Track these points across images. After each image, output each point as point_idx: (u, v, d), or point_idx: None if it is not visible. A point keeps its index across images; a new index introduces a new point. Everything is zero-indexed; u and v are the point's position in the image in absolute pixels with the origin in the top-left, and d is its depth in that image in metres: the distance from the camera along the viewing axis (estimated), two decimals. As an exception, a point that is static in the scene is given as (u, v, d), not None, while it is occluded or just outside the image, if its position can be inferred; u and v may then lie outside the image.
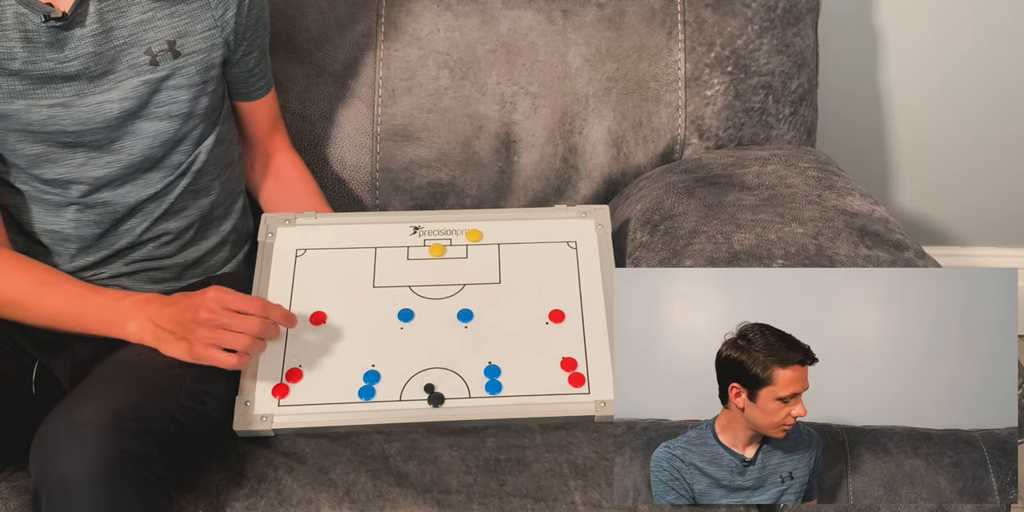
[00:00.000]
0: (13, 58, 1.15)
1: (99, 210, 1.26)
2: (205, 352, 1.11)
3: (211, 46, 1.25)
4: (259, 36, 1.32)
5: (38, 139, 1.20)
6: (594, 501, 1.10)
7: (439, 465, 1.13)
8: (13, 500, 1.10)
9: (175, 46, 1.22)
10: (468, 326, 1.25)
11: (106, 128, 1.21)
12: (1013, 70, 1.85)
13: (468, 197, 1.55)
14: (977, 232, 2.04)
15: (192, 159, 1.28)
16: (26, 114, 1.18)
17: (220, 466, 1.13)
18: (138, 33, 1.20)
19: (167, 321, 1.13)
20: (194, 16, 1.23)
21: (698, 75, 1.53)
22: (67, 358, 1.22)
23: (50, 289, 1.17)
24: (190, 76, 1.24)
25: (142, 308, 1.15)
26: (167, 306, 1.14)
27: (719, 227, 1.29)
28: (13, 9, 1.14)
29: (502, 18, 1.53)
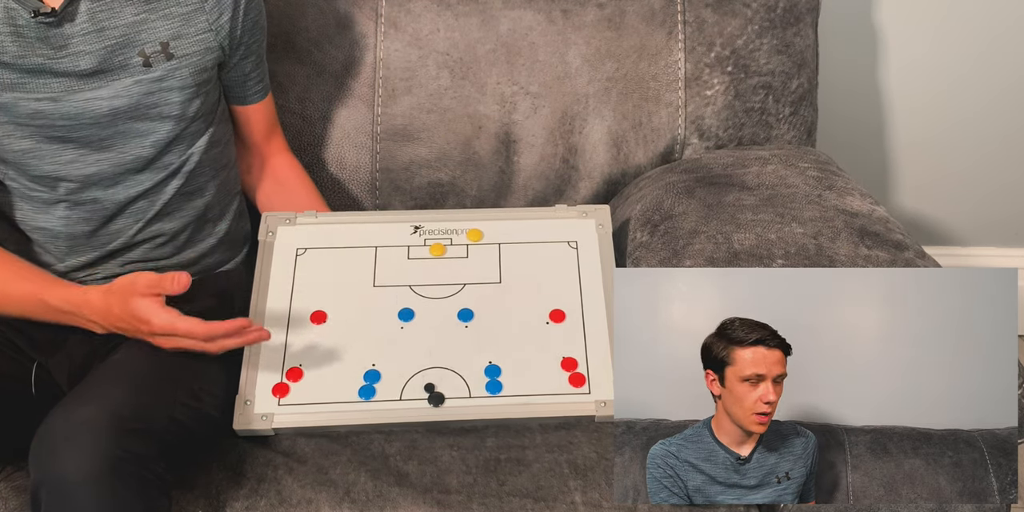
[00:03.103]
0: (3, 52, 1.16)
1: (88, 208, 1.26)
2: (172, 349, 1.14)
3: (205, 49, 1.25)
4: (255, 41, 1.32)
5: (27, 133, 1.20)
6: (594, 501, 1.10)
7: (439, 465, 1.13)
8: (13, 500, 1.10)
9: (168, 48, 1.22)
10: (468, 326, 1.25)
11: (95, 125, 1.21)
12: (1013, 70, 1.85)
13: (468, 197, 1.55)
14: (977, 232, 2.04)
15: (185, 160, 1.28)
16: (15, 106, 1.18)
17: (220, 466, 1.13)
18: (131, 34, 1.20)
19: (119, 327, 1.15)
20: (188, 19, 1.23)
21: (698, 75, 1.53)
22: (65, 358, 1.22)
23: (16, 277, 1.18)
24: (183, 78, 1.24)
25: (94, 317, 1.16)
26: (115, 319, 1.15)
27: (719, 227, 1.29)
28: (3, 3, 1.15)
29: (502, 18, 1.53)
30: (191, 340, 1.13)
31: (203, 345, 1.13)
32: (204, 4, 1.24)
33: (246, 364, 1.21)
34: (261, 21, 1.32)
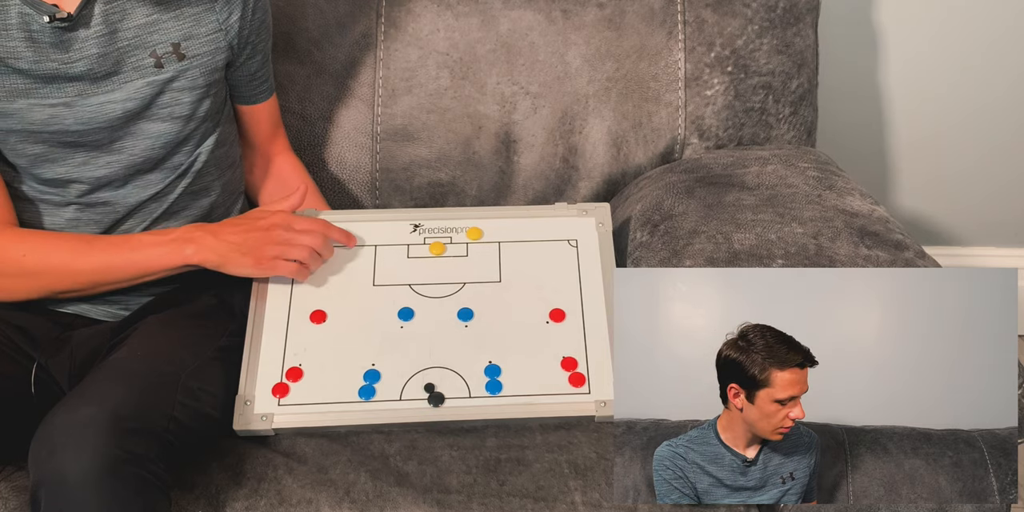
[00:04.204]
0: (18, 57, 1.15)
1: (99, 210, 1.26)
2: (271, 263, 1.21)
3: (215, 49, 1.25)
4: (262, 40, 1.32)
5: (39, 139, 1.20)
6: (594, 501, 1.10)
7: (439, 465, 1.13)
8: (13, 500, 1.10)
9: (180, 49, 1.22)
10: (468, 325, 1.25)
11: (108, 128, 1.21)
12: (1013, 70, 1.85)
13: (468, 197, 1.55)
14: (977, 232, 2.04)
15: (193, 160, 1.28)
16: (28, 113, 1.18)
17: (220, 466, 1.13)
18: (143, 35, 1.20)
19: (235, 239, 1.19)
20: (199, 19, 1.23)
21: (698, 75, 1.53)
22: (67, 358, 1.22)
23: (90, 247, 1.19)
24: (194, 79, 1.24)
25: (199, 232, 1.20)
26: (231, 226, 1.21)
27: (719, 227, 1.29)
28: (17, 9, 1.14)
29: (502, 18, 1.53)
30: (296, 244, 1.21)
31: (305, 249, 1.22)
32: (215, 4, 1.24)
33: (246, 364, 1.21)
34: (268, 21, 1.32)
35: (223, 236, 1.19)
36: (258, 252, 1.20)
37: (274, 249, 1.21)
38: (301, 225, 1.23)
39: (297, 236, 1.22)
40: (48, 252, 1.18)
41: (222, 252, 1.19)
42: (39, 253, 1.18)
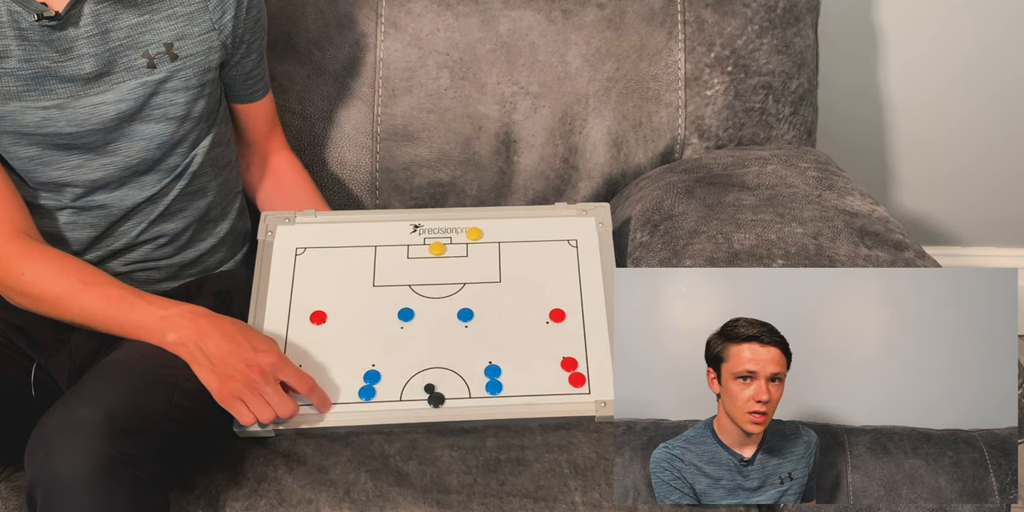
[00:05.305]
0: (8, 56, 1.15)
1: (95, 213, 1.25)
2: (231, 401, 1.11)
3: (209, 49, 1.25)
4: (257, 39, 1.31)
5: (32, 142, 1.20)
6: (594, 501, 1.10)
7: (439, 465, 1.13)
8: (13, 500, 1.10)
9: (172, 49, 1.21)
10: (468, 325, 1.25)
11: (102, 130, 1.21)
12: (1013, 70, 1.85)
13: (468, 197, 1.55)
14: (977, 232, 2.04)
15: (189, 161, 1.28)
16: (21, 116, 1.17)
17: (220, 466, 1.13)
18: (135, 36, 1.19)
19: (216, 354, 1.11)
20: (191, 19, 1.23)
21: (698, 75, 1.53)
22: (65, 359, 1.22)
23: (91, 289, 1.15)
24: (187, 79, 1.23)
25: (191, 322, 1.13)
26: (224, 342, 1.11)
27: (719, 227, 1.29)
28: (7, 7, 1.14)
29: (502, 18, 1.53)
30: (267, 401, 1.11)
31: (269, 411, 1.12)
32: (207, 3, 1.23)
33: (246, 364, 1.21)
34: (262, 19, 1.31)
35: (208, 344, 1.12)
36: (225, 380, 1.11)
37: (240, 389, 1.11)
38: (286, 379, 1.14)
39: (270, 394, 1.12)
40: (45, 281, 1.15)
41: (196, 356, 1.12)
42: (35, 278, 1.15)
